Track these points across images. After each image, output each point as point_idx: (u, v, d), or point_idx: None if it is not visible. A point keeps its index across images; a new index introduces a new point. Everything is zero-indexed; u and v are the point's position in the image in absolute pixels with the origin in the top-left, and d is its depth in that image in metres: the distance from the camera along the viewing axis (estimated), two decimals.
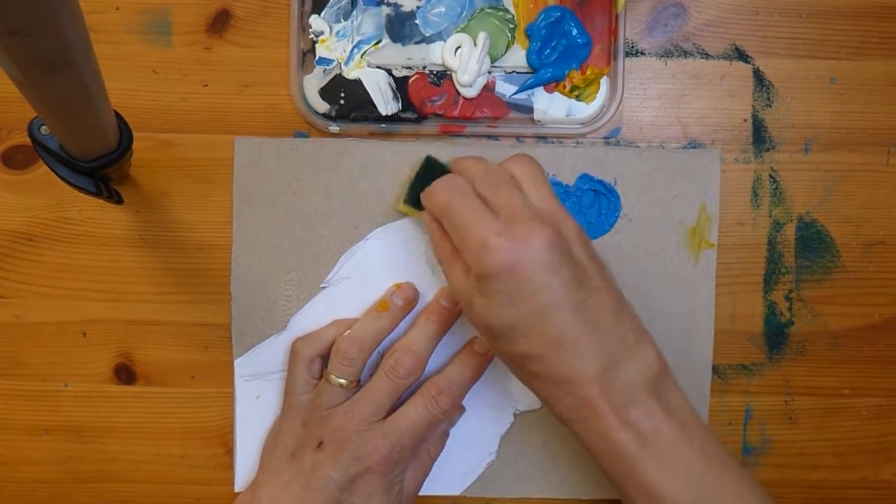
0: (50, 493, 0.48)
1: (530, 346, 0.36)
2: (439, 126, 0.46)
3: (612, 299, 0.38)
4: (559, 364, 0.36)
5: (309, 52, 0.46)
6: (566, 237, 0.37)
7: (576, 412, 0.37)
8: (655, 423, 0.36)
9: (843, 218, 0.47)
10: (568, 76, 0.46)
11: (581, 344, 0.36)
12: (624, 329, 0.37)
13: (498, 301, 0.36)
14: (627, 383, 0.36)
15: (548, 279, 0.36)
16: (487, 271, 0.36)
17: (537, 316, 0.36)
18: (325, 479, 0.41)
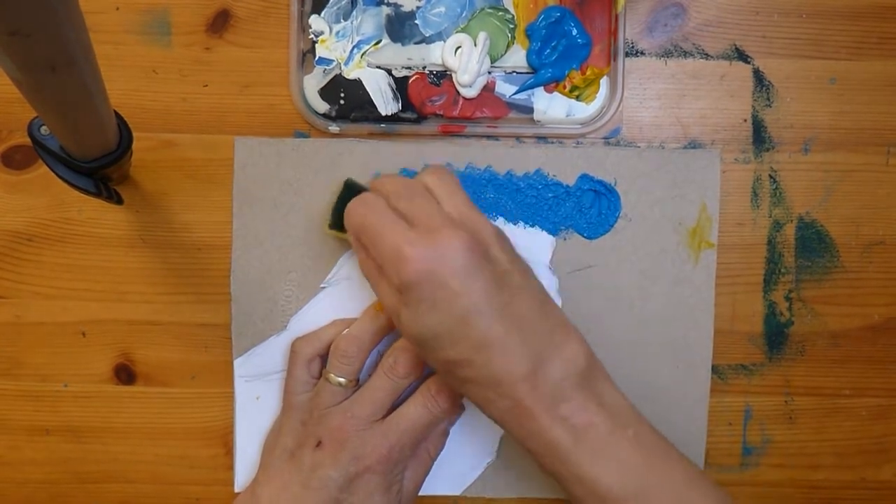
0: (50, 494, 0.48)
1: (456, 352, 0.37)
2: (439, 126, 0.46)
3: (534, 299, 0.38)
4: (487, 367, 0.36)
5: (309, 52, 0.46)
6: (483, 240, 0.38)
7: (508, 414, 0.37)
8: (587, 415, 0.37)
9: (843, 218, 0.47)
10: (568, 76, 0.46)
11: (506, 345, 0.36)
12: (549, 327, 0.38)
13: (421, 310, 0.36)
14: (556, 380, 0.37)
15: (466, 283, 0.36)
16: (406, 281, 0.36)
17: (460, 321, 0.36)
18: (324, 478, 0.41)
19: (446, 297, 0.36)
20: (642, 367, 0.47)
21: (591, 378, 0.38)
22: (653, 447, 0.38)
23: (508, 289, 0.37)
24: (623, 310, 0.46)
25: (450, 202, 0.39)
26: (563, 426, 0.36)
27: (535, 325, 0.37)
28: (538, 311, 0.38)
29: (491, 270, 0.37)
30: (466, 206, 0.39)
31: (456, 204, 0.39)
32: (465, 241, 0.36)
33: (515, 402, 0.37)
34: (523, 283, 0.38)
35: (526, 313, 0.37)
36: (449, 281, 0.36)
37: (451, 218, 0.38)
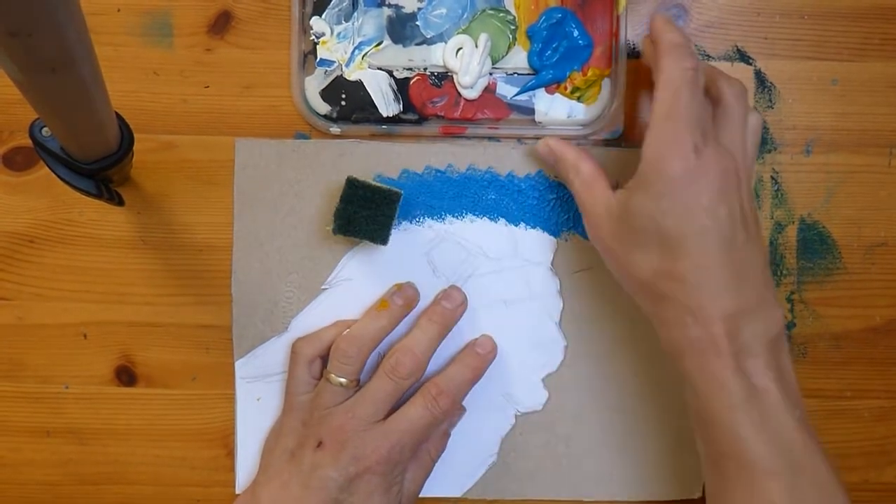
0: (51, 495, 0.48)
1: (677, 263, 0.37)
2: (440, 127, 0.46)
3: (762, 250, 0.39)
4: (697, 290, 0.36)
5: (310, 53, 0.46)
6: (741, 174, 0.38)
7: (696, 343, 0.37)
8: (767, 380, 0.36)
9: (845, 219, 0.47)
10: (569, 77, 0.46)
11: (725, 279, 0.36)
12: (764, 282, 0.38)
13: (663, 206, 0.37)
14: (754, 333, 0.36)
15: (717, 204, 0.36)
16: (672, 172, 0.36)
17: (697, 235, 0.36)
18: (324, 478, 0.41)
19: (693, 204, 0.36)
20: (643, 368, 0.47)
21: (779, 347, 0.38)
22: (811, 436, 0.37)
23: (745, 231, 0.37)
24: (624, 311, 0.46)
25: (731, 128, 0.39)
26: (742, 379, 0.36)
27: (755, 275, 0.37)
28: (761, 263, 0.38)
29: (738, 206, 0.37)
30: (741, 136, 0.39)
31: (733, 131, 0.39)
32: (730, 166, 0.37)
33: (709, 335, 0.36)
34: (757, 232, 0.39)
35: (751, 260, 0.37)
36: (704, 194, 0.36)
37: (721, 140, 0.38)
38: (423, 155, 0.46)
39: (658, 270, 0.37)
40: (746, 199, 0.38)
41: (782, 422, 0.36)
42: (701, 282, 0.36)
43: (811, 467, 0.36)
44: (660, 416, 0.47)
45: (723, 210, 0.36)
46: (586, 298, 0.46)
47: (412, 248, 0.46)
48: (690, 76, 0.38)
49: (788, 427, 0.36)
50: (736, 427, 0.36)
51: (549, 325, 0.47)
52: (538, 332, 0.47)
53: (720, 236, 0.36)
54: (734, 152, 0.38)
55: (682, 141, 0.37)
